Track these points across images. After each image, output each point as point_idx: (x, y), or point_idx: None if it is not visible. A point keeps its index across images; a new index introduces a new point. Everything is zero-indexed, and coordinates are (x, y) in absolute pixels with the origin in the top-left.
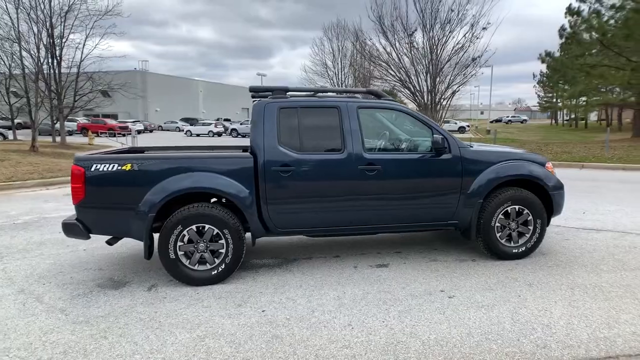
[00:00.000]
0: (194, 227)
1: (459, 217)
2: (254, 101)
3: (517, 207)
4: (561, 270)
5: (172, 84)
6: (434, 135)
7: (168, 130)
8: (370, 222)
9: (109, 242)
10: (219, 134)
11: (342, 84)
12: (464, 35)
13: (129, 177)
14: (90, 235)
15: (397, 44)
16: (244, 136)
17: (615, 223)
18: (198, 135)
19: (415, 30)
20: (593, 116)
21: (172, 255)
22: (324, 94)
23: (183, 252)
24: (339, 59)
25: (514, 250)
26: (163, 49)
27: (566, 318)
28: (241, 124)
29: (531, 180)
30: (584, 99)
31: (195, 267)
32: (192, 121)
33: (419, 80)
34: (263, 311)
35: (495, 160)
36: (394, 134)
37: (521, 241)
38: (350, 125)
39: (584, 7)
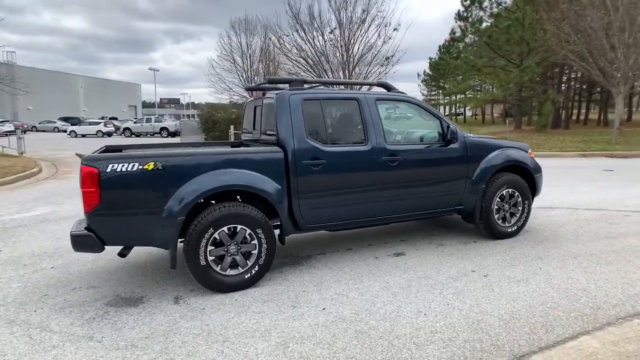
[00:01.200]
0: (225, 228)
1: (465, 203)
2: (263, 94)
3: (510, 190)
4: (553, 244)
5: (46, 78)
6: (450, 126)
7: (44, 131)
8: (390, 212)
9: (122, 254)
10: (109, 134)
11: (251, 80)
12: (378, 34)
13: (153, 177)
14: (105, 247)
15: (314, 41)
16: (138, 135)
17: (561, 201)
18: (84, 136)
19: (335, 28)
20: (467, 111)
21: (203, 262)
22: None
23: (214, 257)
24: (248, 55)
25: (508, 230)
26: (22, 39)
27: (593, 282)
28: (135, 122)
29: (520, 165)
30: (461, 95)
31: (227, 272)
32: (73, 120)
33: (334, 76)
34: (323, 309)
35: (492, 148)
36: (408, 124)
37: (513, 221)
38: (372, 117)
39: (474, 13)
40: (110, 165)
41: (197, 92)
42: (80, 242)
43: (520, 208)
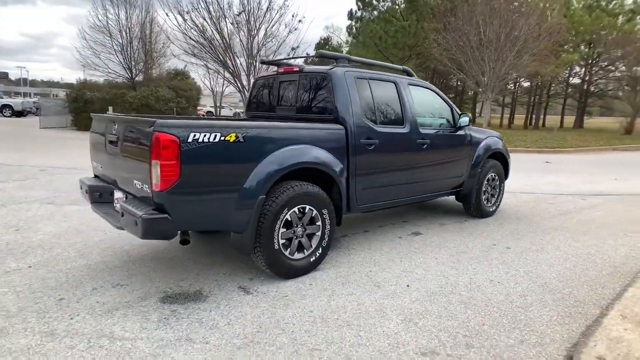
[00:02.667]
0: (296, 209)
1: (464, 184)
2: (300, 69)
3: (493, 174)
4: (529, 220)
5: None
6: (461, 114)
7: None
8: (419, 193)
9: (185, 240)
10: None
11: (132, 59)
12: (285, 24)
13: (234, 149)
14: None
15: (219, 22)
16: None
17: None
18: None
19: (242, 12)
20: None
21: (276, 246)
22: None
23: (284, 241)
24: (128, 28)
25: (490, 210)
26: None
27: (591, 248)
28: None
29: (499, 152)
30: None
31: (294, 256)
32: None
33: (234, 63)
34: (408, 286)
35: (483, 137)
36: (427, 110)
37: (493, 201)
38: (407, 100)
39: (365, 15)
40: (192, 134)
41: (36, 67)
42: (154, 228)
43: (498, 190)
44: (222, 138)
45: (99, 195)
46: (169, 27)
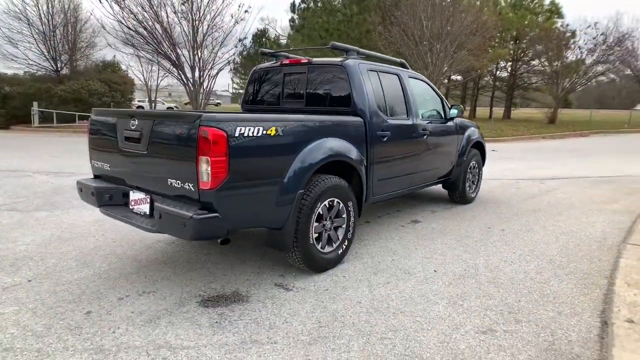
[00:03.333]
0: (326, 202)
1: (453, 172)
2: (308, 60)
3: (474, 162)
4: (506, 204)
5: None
6: (452, 107)
7: None
8: (417, 182)
9: (226, 241)
10: None
11: (56, 50)
12: (231, 15)
13: (275, 144)
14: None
15: (160, 10)
16: None
17: None
18: None
19: (187, 1)
20: None
21: (311, 240)
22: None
23: (316, 235)
24: (50, 15)
25: (472, 195)
26: None
27: (572, 226)
28: None
29: (479, 141)
30: None
31: (325, 250)
32: None
33: (178, 53)
34: (435, 271)
35: (467, 127)
36: (421, 102)
37: (474, 188)
38: (410, 93)
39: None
40: (239, 129)
41: None
42: (206, 228)
43: (477, 177)
44: (265, 132)
45: (109, 197)
46: (103, 15)
